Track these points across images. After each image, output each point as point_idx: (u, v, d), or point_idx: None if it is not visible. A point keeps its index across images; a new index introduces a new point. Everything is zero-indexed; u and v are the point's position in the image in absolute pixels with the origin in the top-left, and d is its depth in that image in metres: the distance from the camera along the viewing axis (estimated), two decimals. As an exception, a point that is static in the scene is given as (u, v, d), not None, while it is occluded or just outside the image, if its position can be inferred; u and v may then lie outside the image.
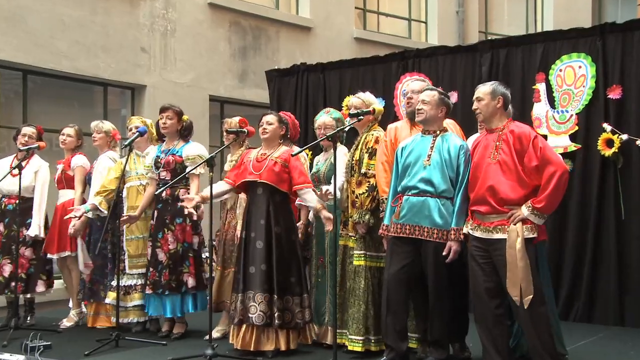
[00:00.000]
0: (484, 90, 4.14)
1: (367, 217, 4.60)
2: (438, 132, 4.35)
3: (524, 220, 3.90)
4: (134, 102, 8.18)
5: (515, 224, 3.90)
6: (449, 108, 4.39)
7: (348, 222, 4.77)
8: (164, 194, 5.27)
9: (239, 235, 5.00)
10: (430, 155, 4.27)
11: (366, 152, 4.76)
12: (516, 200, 3.93)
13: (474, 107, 4.19)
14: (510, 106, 4.21)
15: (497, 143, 4.03)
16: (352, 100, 5.07)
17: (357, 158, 4.78)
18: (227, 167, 5.56)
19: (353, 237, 4.72)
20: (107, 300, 5.58)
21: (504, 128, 4.06)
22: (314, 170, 5.38)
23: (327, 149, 5.44)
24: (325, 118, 5.35)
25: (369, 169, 4.69)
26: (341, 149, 5.23)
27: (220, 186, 4.94)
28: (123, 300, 5.40)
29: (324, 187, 4.76)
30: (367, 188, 4.65)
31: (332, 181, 4.33)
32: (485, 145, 4.11)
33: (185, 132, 5.49)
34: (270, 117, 5.01)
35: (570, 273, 5.91)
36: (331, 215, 4.63)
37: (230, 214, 5.38)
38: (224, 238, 5.35)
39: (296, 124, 5.56)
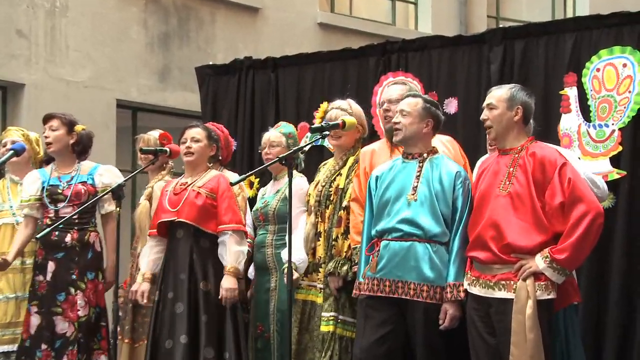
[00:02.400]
0: (499, 95, 4.21)
1: (345, 267, 4.67)
2: (425, 154, 4.41)
3: (537, 276, 3.94)
4: (6, 107, 8.11)
5: (524, 280, 3.94)
6: (439, 121, 4.47)
7: (316, 267, 4.86)
8: (68, 239, 5.26)
9: (137, 293, 4.99)
10: (417, 186, 4.32)
11: (356, 177, 4.87)
12: (528, 249, 3.98)
13: (483, 116, 4.24)
14: (531, 120, 4.29)
15: (511, 169, 4.09)
16: (332, 112, 5.15)
17: (340, 186, 4.90)
18: (141, 199, 5.56)
19: (321, 292, 4.80)
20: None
21: (522, 149, 4.12)
22: (258, 205, 5.42)
23: (277, 177, 5.47)
24: (271, 134, 5.41)
25: None
26: (299, 182, 5.28)
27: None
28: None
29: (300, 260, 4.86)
30: (347, 227, 4.77)
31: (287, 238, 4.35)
32: (496, 171, 4.17)
33: (78, 149, 5.46)
34: (196, 132, 5.05)
35: (614, 349, 5.91)
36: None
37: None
38: (132, 298, 5.30)
39: (229, 142, 5.59)
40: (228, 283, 4.84)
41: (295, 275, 4.83)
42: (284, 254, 5.02)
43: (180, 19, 9.16)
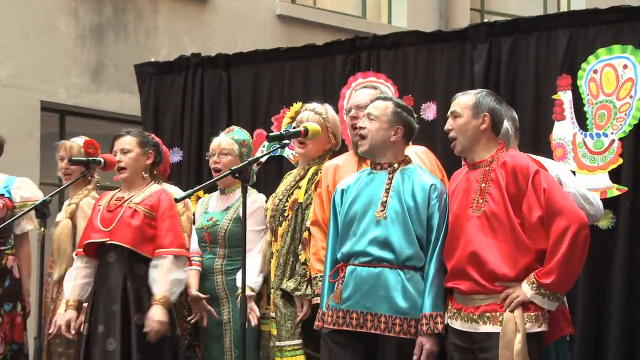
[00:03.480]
0: (463, 101, 4.28)
1: (307, 289, 4.76)
2: (396, 164, 4.44)
3: (526, 306, 3.97)
4: None
5: (512, 311, 3.97)
6: (411, 129, 4.49)
7: (277, 293, 4.90)
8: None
9: (62, 324, 4.96)
10: (386, 201, 4.33)
11: (317, 196, 4.91)
12: (513, 276, 4.01)
13: (447, 126, 4.31)
14: (510, 128, 4.35)
15: (483, 185, 4.15)
16: (304, 115, 5.18)
17: (299, 200, 4.96)
18: (59, 216, 5.53)
19: (282, 320, 4.84)
20: None
21: (492, 160, 4.19)
22: (201, 222, 5.38)
23: (226, 191, 5.46)
24: (222, 140, 5.41)
25: None
26: (255, 198, 5.31)
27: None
28: None
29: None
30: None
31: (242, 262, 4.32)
32: (466, 189, 4.22)
33: None
34: (125, 142, 5.04)
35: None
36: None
37: (60, 290, 5.36)
38: (47, 332, 5.29)
39: (164, 153, 5.54)
40: (157, 314, 4.78)
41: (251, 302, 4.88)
42: (239, 277, 5.02)
43: (115, 9, 9.15)
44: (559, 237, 3.94)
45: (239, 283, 5.08)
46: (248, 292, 4.82)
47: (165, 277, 4.83)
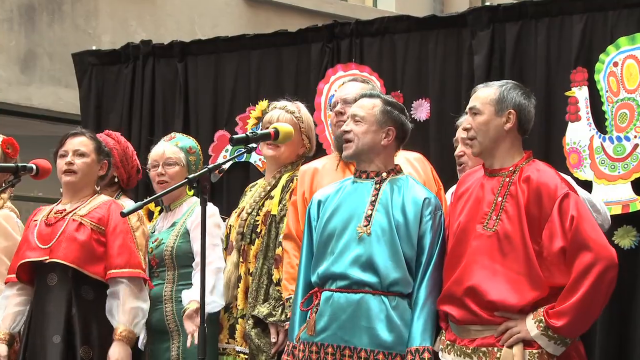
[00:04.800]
0: (484, 95, 4.30)
1: (282, 315, 4.84)
2: (384, 173, 4.48)
3: (529, 341, 4.00)
4: None
5: (510, 347, 4.01)
6: (404, 130, 4.54)
7: (249, 323, 4.94)
8: None
9: None
10: (371, 215, 4.37)
11: (291, 205, 4.96)
12: (517, 308, 4.04)
13: (464, 124, 4.37)
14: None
15: (500, 199, 4.17)
16: (274, 114, 5.23)
17: (272, 212, 5.02)
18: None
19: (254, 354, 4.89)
20: None
21: (515, 171, 4.21)
22: (150, 245, 5.38)
23: (171, 207, 5.51)
24: (166, 148, 5.47)
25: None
26: (210, 210, 5.29)
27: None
28: None
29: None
30: None
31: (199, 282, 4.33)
32: (479, 199, 4.25)
33: None
34: (81, 143, 5.08)
35: None
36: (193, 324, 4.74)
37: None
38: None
39: (130, 154, 5.57)
40: (119, 352, 4.82)
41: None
42: (186, 294, 5.07)
43: (51, -12, 9.20)
44: (581, 274, 3.96)
45: (183, 300, 5.12)
46: (194, 306, 4.86)
47: (124, 307, 4.87)
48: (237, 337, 5.08)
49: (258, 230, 5.10)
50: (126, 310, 4.88)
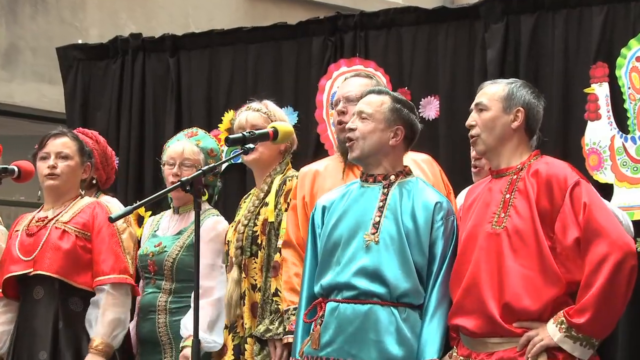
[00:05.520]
0: (491, 92, 4.30)
1: (280, 327, 4.80)
2: (393, 176, 4.44)
3: (553, 352, 3.96)
4: None
5: (534, 359, 3.97)
6: (413, 130, 4.51)
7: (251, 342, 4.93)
8: None
9: None
10: (379, 222, 4.33)
11: (286, 209, 4.96)
12: (536, 311, 4.02)
13: (469, 121, 4.30)
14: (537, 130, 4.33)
15: (507, 196, 4.17)
16: (242, 116, 5.20)
17: (270, 219, 5.00)
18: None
19: None
20: None
21: (522, 168, 4.21)
22: (147, 247, 5.40)
23: (181, 210, 5.49)
24: (185, 146, 5.41)
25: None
26: (212, 223, 5.34)
27: None
28: None
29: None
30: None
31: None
32: (487, 202, 4.24)
33: None
34: (64, 144, 5.05)
35: None
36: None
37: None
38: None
39: (109, 156, 5.51)
40: None
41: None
42: (186, 324, 5.03)
43: (34, -22, 9.16)
44: (596, 266, 3.95)
45: (183, 331, 5.12)
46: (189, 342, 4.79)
47: (104, 317, 4.85)
48: (247, 357, 5.02)
49: (259, 241, 5.05)
50: (105, 322, 4.87)
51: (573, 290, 4.01)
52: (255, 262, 5.05)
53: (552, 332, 3.97)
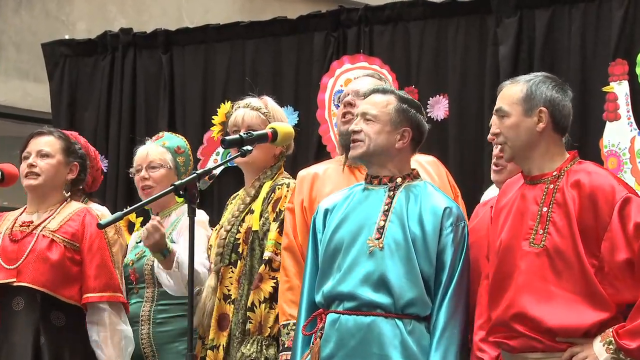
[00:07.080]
0: (510, 94, 4.22)
1: (271, 351, 4.79)
2: (399, 179, 4.45)
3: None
4: None
5: None
6: (421, 131, 4.51)
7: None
8: None
9: None
10: (384, 227, 4.34)
11: (274, 219, 4.95)
12: (581, 331, 3.97)
13: (493, 130, 4.29)
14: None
15: (545, 209, 4.09)
16: (238, 114, 5.20)
17: (254, 228, 4.98)
18: None
19: None
20: None
21: (560, 175, 4.14)
22: (129, 257, 5.43)
23: (159, 215, 5.45)
24: (150, 149, 5.46)
25: (279, 252, 4.86)
26: (201, 220, 5.33)
27: None
28: None
29: None
30: (273, 290, 4.83)
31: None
32: (521, 211, 4.17)
33: None
34: (46, 142, 5.05)
35: None
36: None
37: None
38: None
39: (93, 155, 5.53)
40: None
41: None
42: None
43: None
44: None
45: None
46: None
47: (113, 339, 4.86)
48: None
49: (240, 250, 5.02)
50: (116, 343, 4.88)
51: (623, 313, 3.95)
52: (232, 271, 5.03)
53: (598, 351, 3.92)
